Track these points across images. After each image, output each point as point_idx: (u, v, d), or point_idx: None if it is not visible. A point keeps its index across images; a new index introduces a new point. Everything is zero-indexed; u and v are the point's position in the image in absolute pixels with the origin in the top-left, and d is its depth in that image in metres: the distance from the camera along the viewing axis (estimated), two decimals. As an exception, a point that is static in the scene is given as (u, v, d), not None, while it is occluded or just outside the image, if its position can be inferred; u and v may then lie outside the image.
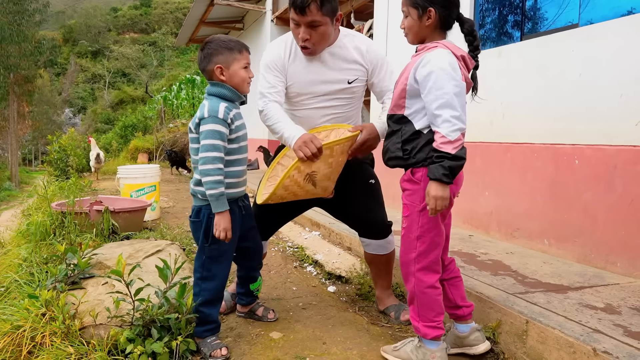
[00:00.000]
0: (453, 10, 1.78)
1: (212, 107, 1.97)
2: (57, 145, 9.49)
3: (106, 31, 63.02)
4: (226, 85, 2.05)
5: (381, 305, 2.57)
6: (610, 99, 2.70)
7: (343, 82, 2.25)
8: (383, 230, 2.40)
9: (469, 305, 1.97)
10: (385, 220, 2.40)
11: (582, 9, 3.06)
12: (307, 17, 2.06)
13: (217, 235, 1.97)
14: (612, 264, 2.67)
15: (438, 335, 1.82)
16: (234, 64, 2.06)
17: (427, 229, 1.79)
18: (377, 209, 2.37)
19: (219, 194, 1.94)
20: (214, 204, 1.95)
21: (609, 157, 2.69)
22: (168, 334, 1.97)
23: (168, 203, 6.04)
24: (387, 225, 2.41)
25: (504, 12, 3.78)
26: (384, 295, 2.56)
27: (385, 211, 2.41)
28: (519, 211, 3.31)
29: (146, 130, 18.68)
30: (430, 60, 1.71)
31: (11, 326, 2.04)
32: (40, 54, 27.55)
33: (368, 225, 2.39)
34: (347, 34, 2.30)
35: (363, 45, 2.28)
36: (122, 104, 48.29)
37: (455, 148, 1.68)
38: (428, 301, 1.80)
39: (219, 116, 1.96)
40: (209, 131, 1.95)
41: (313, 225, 4.28)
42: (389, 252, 2.45)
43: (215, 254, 2.06)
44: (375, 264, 2.52)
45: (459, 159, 1.69)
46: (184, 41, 13.28)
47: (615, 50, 2.68)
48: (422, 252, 1.80)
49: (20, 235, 3.75)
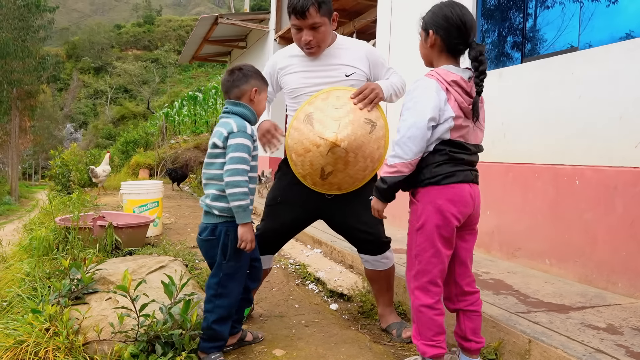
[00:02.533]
0: (452, 33, 1.77)
1: (240, 123, 2.04)
2: (59, 160, 9.54)
3: (109, 48, 63.69)
4: (250, 107, 2.12)
5: (383, 323, 2.57)
6: (610, 120, 2.74)
7: (340, 75, 2.35)
8: (380, 245, 2.42)
9: (478, 341, 1.90)
10: (383, 237, 2.42)
11: (581, 32, 3.12)
12: (308, 20, 2.22)
13: (243, 247, 2.00)
14: (613, 285, 2.68)
15: (437, 354, 1.79)
16: (263, 93, 2.19)
17: (422, 248, 1.79)
18: (376, 225, 2.39)
19: (247, 205, 1.99)
20: (240, 215, 1.98)
21: (609, 178, 2.72)
22: (172, 350, 1.98)
23: (170, 219, 6.05)
24: (385, 242, 2.43)
25: (504, 34, 3.85)
26: (386, 312, 2.57)
27: (383, 228, 2.43)
28: (520, 231, 3.33)
29: (147, 146, 18.74)
30: (411, 89, 1.80)
31: (14, 341, 2.04)
32: (43, 70, 27.75)
33: (366, 240, 2.42)
34: (349, 39, 2.47)
35: (363, 47, 2.43)
36: (124, 119, 48.54)
37: (385, 172, 1.78)
38: (425, 320, 1.79)
39: (248, 132, 2.03)
40: (239, 144, 1.99)
41: (315, 242, 4.29)
42: (388, 268, 2.49)
43: (232, 271, 2.06)
44: (375, 281, 2.54)
45: (383, 182, 1.79)
46: (187, 58, 13.42)
47: (615, 72, 2.73)
48: (419, 271, 1.80)
49: (22, 250, 3.75)
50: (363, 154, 2.14)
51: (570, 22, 3.22)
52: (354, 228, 2.41)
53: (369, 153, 2.16)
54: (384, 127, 2.22)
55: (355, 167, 2.16)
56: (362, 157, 2.15)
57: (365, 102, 2.16)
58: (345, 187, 2.27)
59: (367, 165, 2.19)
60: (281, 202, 2.43)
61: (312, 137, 2.11)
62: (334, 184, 2.24)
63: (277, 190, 2.47)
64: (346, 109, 2.15)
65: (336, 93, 2.24)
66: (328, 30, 2.31)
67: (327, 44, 2.36)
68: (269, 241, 2.46)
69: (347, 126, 2.08)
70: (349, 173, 2.18)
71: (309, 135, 2.13)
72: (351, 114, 2.13)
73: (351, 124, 2.09)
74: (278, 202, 2.43)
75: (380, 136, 2.18)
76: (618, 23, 2.87)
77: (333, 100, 2.20)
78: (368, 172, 2.23)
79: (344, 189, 2.28)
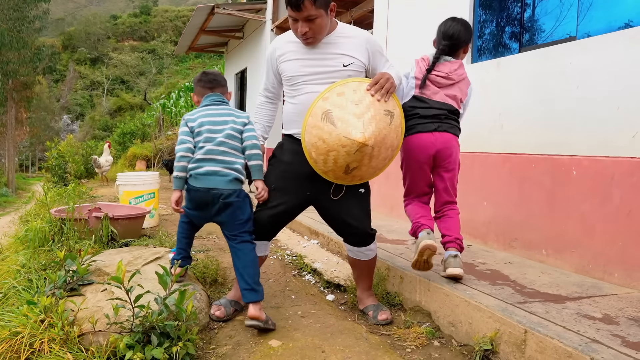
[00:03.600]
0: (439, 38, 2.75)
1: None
2: (56, 152, 9.50)
3: (105, 38, 63.30)
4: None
5: (361, 304, 2.67)
6: (608, 110, 2.72)
7: (338, 65, 2.34)
8: (364, 238, 2.48)
9: (450, 234, 2.53)
10: (368, 230, 2.47)
11: (579, 22, 3.10)
12: (303, 12, 2.21)
13: (263, 195, 2.45)
14: (609, 275, 2.68)
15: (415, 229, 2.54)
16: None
17: (405, 175, 2.70)
18: (361, 217, 2.45)
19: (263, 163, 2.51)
20: (260, 172, 2.45)
21: (606, 168, 2.71)
22: (167, 340, 1.97)
23: (166, 210, 6.04)
24: (369, 234, 2.48)
25: (502, 24, 3.82)
26: (364, 295, 2.67)
27: (369, 221, 2.50)
28: (517, 221, 3.32)
29: (144, 138, 18.69)
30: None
31: (9, 332, 2.03)
32: (39, 61, 27.58)
33: (352, 232, 2.47)
34: (350, 27, 2.45)
35: (363, 36, 2.41)
36: (121, 111, 48.36)
37: None
38: (408, 212, 2.70)
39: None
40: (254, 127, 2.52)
41: (312, 233, 4.28)
42: (369, 259, 2.56)
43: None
44: (356, 267, 2.63)
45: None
46: (183, 49, 13.32)
47: (613, 62, 2.71)
48: (406, 188, 2.73)
49: (18, 242, 3.74)
50: (385, 145, 2.18)
51: (568, 12, 3.20)
52: (342, 220, 2.46)
53: (390, 143, 2.20)
54: (400, 115, 2.26)
55: (379, 158, 2.21)
56: (384, 149, 2.19)
57: (382, 92, 2.16)
58: (367, 177, 2.34)
59: (387, 155, 2.25)
60: (275, 189, 2.45)
61: (337, 136, 2.10)
62: (356, 177, 2.29)
63: (271, 177, 2.49)
64: (365, 103, 2.13)
65: (352, 86, 2.20)
66: (324, 22, 2.28)
67: (324, 34, 2.35)
68: (264, 227, 2.48)
69: (370, 123, 2.08)
70: (372, 165, 2.22)
71: (332, 135, 2.11)
72: (371, 108, 2.12)
73: (374, 119, 2.10)
74: (272, 188, 2.46)
75: (398, 124, 2.23)
76: (617, 13, 2.85)
77: (350, 94, 2.17)
78: (388, 160, 2.28)
79: (366, 179, 2.36)
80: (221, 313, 2.50)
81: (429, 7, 4.43)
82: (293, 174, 2.41)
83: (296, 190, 2.43)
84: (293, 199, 2.45)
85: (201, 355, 2.14)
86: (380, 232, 3.99)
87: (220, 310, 2.51)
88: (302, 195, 2.45)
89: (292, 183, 2.42)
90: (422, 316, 2.57)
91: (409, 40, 4.69)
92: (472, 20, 3.95)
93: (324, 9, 2.25)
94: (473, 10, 3.94)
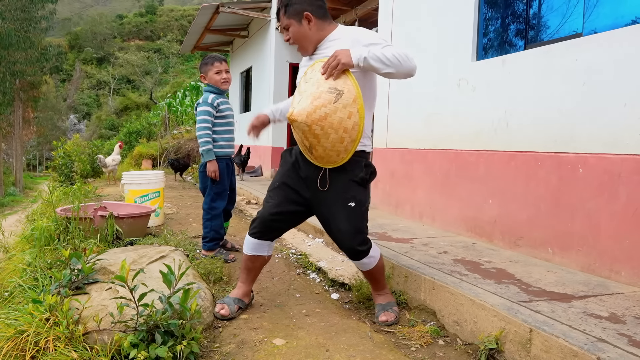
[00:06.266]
0: None
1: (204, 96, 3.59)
2: (62, 151, 9.54)
3: (111, 38, 63.53)
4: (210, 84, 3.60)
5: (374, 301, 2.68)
6: (614, 108, 2.70)
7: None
8: (355, 254, 2.39)
9: None
10: (356, 246, 2.35)
11: (586, 19, 3.07)
12: (282, 21, 2.42)
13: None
14: (616, 273, 2.66)
15: None
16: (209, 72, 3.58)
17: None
18: (349, 233, 2.34)
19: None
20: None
21: (613, 166, 2.69)
22: (171, 339, 1.98)
23: (172, 209, 6.05)
24: (358, 252, 2.37)
25: (508, 21, 3.80)
26: (375, 294, 2.66)
27: (359, 236, 2.36)
28: (522, 219, 3.31)
29: (150, 137, 18.73)
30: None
31: (15, 331, 2.04)
32: (46, 61, 27.74)
33: (339, 245, 2.43)
34: (346, 29, 2.43)
35: (360, 35, 2.34)
36: (127, 110, 48.54)
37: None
38: None
39: (208, 101, 3.50)
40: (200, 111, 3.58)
41: (316, 232, 4.28)
42: (368, 269, 2.50)
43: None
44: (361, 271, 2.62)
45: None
46: (189, 48, 13.35)
47: (619, 59, 2.69)
48: None
49: (24, 240, 3.76)
50: (331, 125, 2.13)
51: (575, 9, 3.17)
52: (331, 233, 2.43)
53: (338, 123, 2.13)
54: (355, 94, 2.14)
55: (329, 139, 2.16)
56: (331, 129, 2.13)
57: (328, 70, 2.15)
58: (334, 161, 2.27)
59: (341, 137, 2.16)
60: (279, 186, 2.47)
61: (287, 114, 2.24)
62: (322, 157, 2.26)
63: (277, 175, 2.54)
64: (313, 81, 2.20)
65: (315, 66, 2.29)
66: (298, 30, 2.37)
67: (310, 42, 2.39)
68: (267, 225, 2.46)
69: (306, 99, 2.14)
70: (326, 146, 2.19)
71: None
72: (315, 86, 2.16)
73: (311, 96, 2.14)
74: (276, 186, 2.48)
75: (349, 103, 2.13)
76: (624, 9, 2.82)
77: (309, 73, 2.29)
78: (347, 142, 2.19)
79: (334, 162, 2.28)
80: (225, 311, 2.50)
81: (434, 3, 4.41)
82: (297, 173, 2.44)
83: (299, 189, 2.42)
84: (296, 198, 2.43)
85: (205, 353, 2.14)
86: (384, 230, 3.98)
87: (225, 308, 2.51)
88: (300, 198, 2.42)
89: (296, 182, 2.43)
90: (427, 315, 2.56)
91: (414, 37, 4.67)
92: (477, 17, 3.93)
93: (295, 19, 2.35)
94: (478, 8, 3.92)
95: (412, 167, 4.62)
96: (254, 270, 2.60)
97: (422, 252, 3.19)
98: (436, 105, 4.29)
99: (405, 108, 4.78)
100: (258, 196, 6.66)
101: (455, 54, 4.07)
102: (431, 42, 4.39)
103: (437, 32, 4.35)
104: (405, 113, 4.78)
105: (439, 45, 4.30)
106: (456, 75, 4.03)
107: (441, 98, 4.21)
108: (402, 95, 4.85)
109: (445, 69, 4.15)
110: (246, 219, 5.60)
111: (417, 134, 4.58)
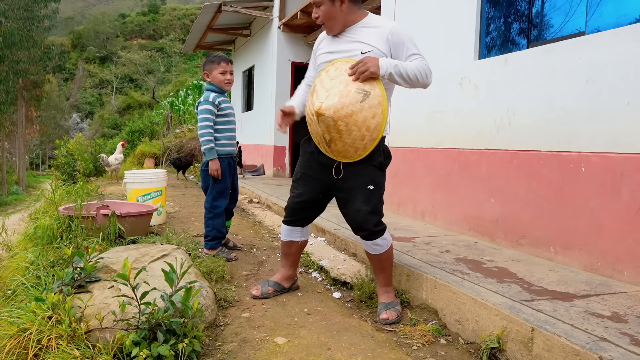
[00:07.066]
0: None
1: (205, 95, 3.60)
2: (65, 150, 9.56)
3: (114, 37, 63.59)
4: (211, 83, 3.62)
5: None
6: (617, 106, 2.69)
7: (356, 52, 2.41)
8: (370, 234, 2.49)
9: None
10: (373, 227, 2.47)
11: (589, 17, 3.06)
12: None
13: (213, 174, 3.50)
14: (618, 272, 2.65)
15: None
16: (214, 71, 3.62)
17: None
18: (368, 214, 2.45)
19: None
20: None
21: (615, 164, 2.68)
22: (173, 337, 1.98)
23: (174, 208, 6.06)
24: (374, 232, 2.49)
25: (510, 20, 3.79)
26: (379, 292, 2.68)
27: (375, 217, 2.48)
28: (525, 218, 3.30)
29: (153, 136, 18.76)
30: None
31: (18, 329, 2.05)
32: (49, 60, 27.79)
33: (357, 227, 2.52)
34: (377, 19, 2.50)
35: (387, 26, 2.43)
36: (129, 109, 48.61)
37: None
38: None
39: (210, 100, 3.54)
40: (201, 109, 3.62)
41: (318, 231, 4.28)
42: (377, 254, 2.56)
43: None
44: (370, 260, 2.66)
45: None
46: (191, 47, 13.36)
47: (622, 58, 2.68)
48: None
49: (27, 239, 3.77)
50: (355, 123, 2.23)
51: (578, 8, 3.16)
52: (348, 215, 2.53)
53: (362, 122, 2.24)
54: (380, 96, 2.27)
55: (351, 135, 2.27)
56: (354, 126, 2.24)
57: (356, 74, 2.25)
58: (351, 156, 2.38)
59: (363, 135, 2.28)
60: (301, 177, 2.62)
61: (309, 107, 2.32)
62: (340, 152, 2.36)
63: (298, 167, 2.67)
64: (339, 79, 2.27)
65: (337, 65, 2.36)
66: (329, 10, 2.41)
67: (339, 23, 2.45)
68: (295, 213, 2.67)
69: (334, 96, 2.21)
70: (346, 141, 2.29)
71: (308, 106, 2.37)
72: (342, 85, 2.24)
73: (339, 93, 2.21)
74: (299, 177, 2.64)
75: (374, 104, 2.25)
76: (627, 8, 2.81)
77: (332, 71, 2.34)
78: (367, 140, 2.31)
79: (350, 157, 2.39)
80: (257, 292, 2.78)
81: (436, 2, 4.40)
82: (316, 161, 2.53)
83: (320, 176, 2.53)
84: (318, 185, 2.56)
85: (207, 352, 2.14)
86: (387, 229, 3.97)
87: (257, 289, 2.80)
88: (321, 184, 2.55)
89: (316, 170, 2.55)
90: (429, 314, 2.56)
91: (416, 35, 4.65)
92: (479, 15, 3.92)
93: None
94: (480, 6, 3.91)
95: (414, 166, 4.62)
96: (291, 255, 2.81)
97: (424, 251, 3.19)
98: (438, 104, 4.28)
99: (407, 107, 4.78)
100: (260, 195, 6.66)
101: (458, 53, 4.06)
102: (433, 40, 4.38)
103: (439, 30, 4.34)
104: (407, 112, 4.78)
105: (441, 44, 4.29)
106: (458, 73, 4.02)
107: (443, 97, 4.20)
108: (404, 94, 4.84)
109: (448, 68, 4.14)
110: (248, 218, 5.60)
111: (419, 133, 4.58)
